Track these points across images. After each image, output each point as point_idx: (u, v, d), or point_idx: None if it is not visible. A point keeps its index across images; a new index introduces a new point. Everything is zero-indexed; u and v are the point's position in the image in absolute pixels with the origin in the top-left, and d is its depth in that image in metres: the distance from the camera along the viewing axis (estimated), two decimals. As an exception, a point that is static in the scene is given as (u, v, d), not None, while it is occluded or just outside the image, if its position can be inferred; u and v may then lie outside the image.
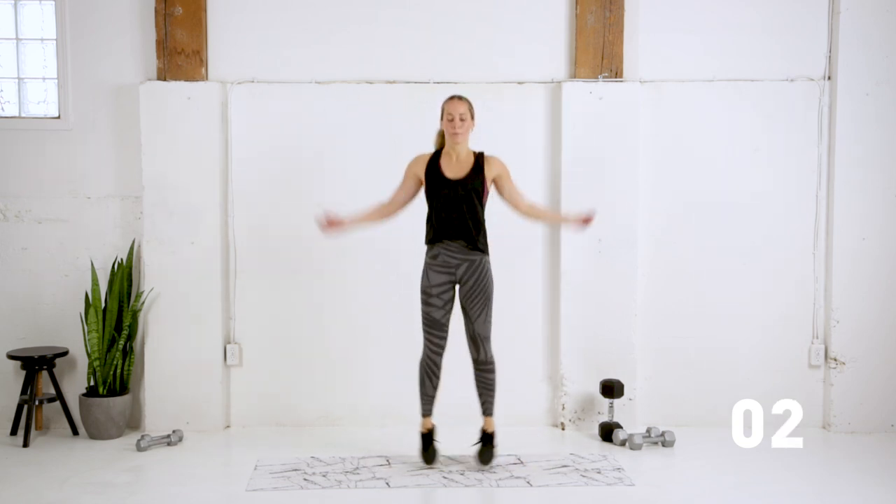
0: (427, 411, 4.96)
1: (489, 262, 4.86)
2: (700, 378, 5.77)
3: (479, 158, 4.86)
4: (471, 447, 5.02)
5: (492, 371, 4.92)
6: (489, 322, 4.87)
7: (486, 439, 4.94)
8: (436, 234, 4.82)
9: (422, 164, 4.88)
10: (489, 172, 4.85)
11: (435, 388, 4.94)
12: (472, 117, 4.85)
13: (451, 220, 4.78)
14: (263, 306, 5.73)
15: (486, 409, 4.96)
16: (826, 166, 5.71)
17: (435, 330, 4.86)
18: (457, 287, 4.88)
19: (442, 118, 4.86)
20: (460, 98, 4.84)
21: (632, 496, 4.50)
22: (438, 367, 4.91)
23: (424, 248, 4.91)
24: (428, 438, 4.96)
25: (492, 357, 4.91)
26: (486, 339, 4.88)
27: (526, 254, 5.72)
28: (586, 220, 4.93)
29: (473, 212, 4.79)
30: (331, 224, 4.89)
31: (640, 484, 4.66)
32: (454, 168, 4.83)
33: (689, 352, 5.76)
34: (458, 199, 4.77)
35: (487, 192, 4.87)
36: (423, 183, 4.86)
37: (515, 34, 5.69)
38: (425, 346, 4.89)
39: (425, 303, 4.85)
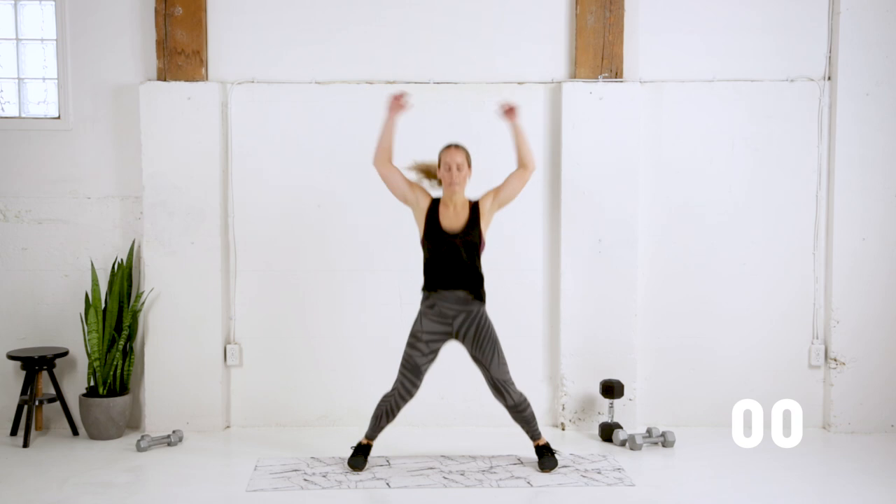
0: (372, 436, 4.94)
1: (485, 310, 4.83)
2: (700, 378, 5.77)
3: (475, 208, 4.80)
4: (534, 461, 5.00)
5: (525, 409, 4.87)
6: (504, 364, 4.81)
7: (542, 451, 4.90)
8: (433, 282, 4.77)
9: (424, 202, 4.80)
10: (486, 217, 4.80)
11: (388, 423, 4.92)
12: (470, 166, 4.79)
13: (449, 272, 4.74)
14: (263, 306, 5.73)
15: (534, 435, 4.94)
16: (826, 166, 5.71)
17: (411, 375, 4.80)
18: (453, 341, 4.83)
19: (439, 167, 4.81)
20: (457, 147, 4.79)
21: (632, 496, 4.50)
22: (399, 409, 4.87)
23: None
24: (364, 449, 4.92)
25: (520, 398, 4.86)
26: (507, 381, 4.81)
27: (526, 254, 5.72)
28: (508, 111, 4.76)
29: (472, 264, 4.76)
30: (398, 101, 4.77)
31: (640, 484, 4.66)
32: (451, 219, 4.77)
33: (689, 352, 5.76)
34: (456, 253, 4.73)
35: (485, 244, 4.83)
36: (421, 229, 4.81)
37: (515, 34, 5.69)
38: (396, 387, 4.84)
39: (411, 346, 4.80)
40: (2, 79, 5.77)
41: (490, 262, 5.01)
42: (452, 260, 4.73)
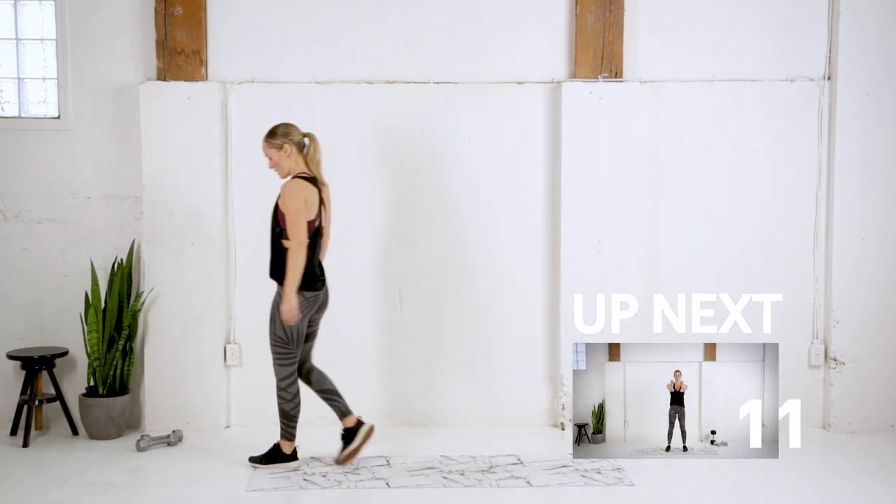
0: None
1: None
2: (700, 378, 5.76)
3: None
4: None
5: (281, 396, 4.92)
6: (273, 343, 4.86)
7: (273, 454, 4.95)
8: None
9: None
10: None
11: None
12: (278, 147, 4.75)
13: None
14: (263, 306, 5.70)
15: (282, 434, 4.98)
16: (826, 166, 5.71)
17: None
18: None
19: None
20: (264, 139, 4.80)
21: (632, 496, 4.51)
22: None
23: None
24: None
25: (282, 382, 4.91)
26: (273, 360, 4.90)
27: (526, 253, 5.72)
28: (283, 311, 4.75)
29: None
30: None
31: (640, 484, 4.66)
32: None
33: (689, 352, 5.76)
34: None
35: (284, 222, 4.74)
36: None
37: (515, 34, 5.69)
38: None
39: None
40: (2, 79, 5.77)
41: (490, 261, 5.01)
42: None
